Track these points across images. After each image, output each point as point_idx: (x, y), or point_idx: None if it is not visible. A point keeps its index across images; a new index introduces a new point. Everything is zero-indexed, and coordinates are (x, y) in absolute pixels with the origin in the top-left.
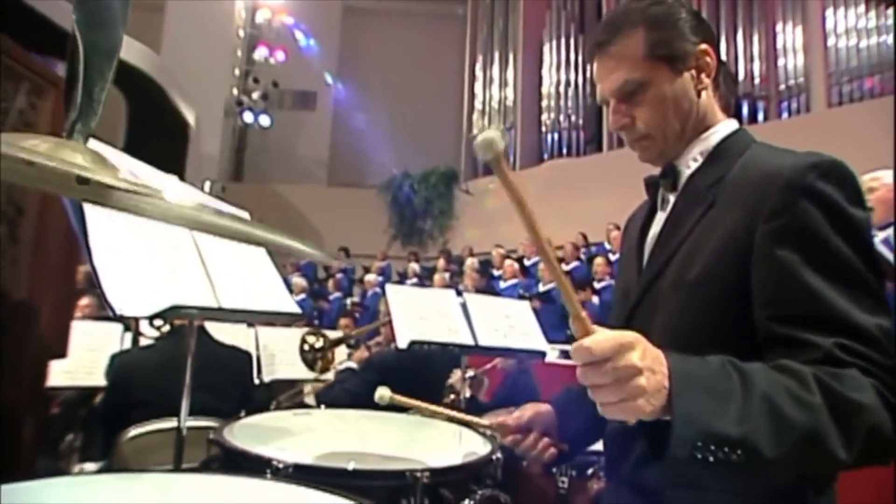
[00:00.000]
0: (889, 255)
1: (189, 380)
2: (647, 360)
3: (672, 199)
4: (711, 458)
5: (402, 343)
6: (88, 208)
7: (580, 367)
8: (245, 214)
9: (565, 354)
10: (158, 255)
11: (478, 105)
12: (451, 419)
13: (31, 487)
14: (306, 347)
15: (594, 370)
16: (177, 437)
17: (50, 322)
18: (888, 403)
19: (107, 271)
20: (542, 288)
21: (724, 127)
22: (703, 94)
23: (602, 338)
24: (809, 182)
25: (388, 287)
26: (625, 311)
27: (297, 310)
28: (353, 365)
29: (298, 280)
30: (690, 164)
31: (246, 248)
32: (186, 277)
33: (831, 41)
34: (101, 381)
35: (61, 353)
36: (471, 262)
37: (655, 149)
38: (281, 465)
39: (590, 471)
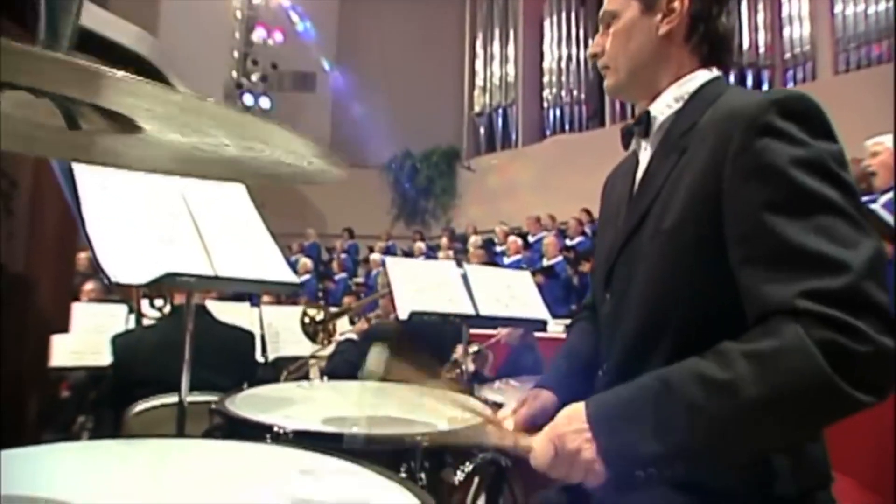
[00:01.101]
0: (890, 218)
1: (189, 355)
2: (573, 435)
3: (644, 144)
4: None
5: (402, 314)
6: (79, 178)
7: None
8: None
9: (568, 328)
10: (154, 224)
11: (479, 82)
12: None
13: (32, 453)
14: (307, 320)
15: (552, 468)
16: (178, 409)
17: (49, 296)
18: (832, 346)
19: (101, 240)
20: (545, 263)
21: (704, 75)
22: (672, 41)
23: (539, 448)
24: (769, 119)
25: (388, 259)
26: (607, 266)
27: (295, 279)
28: (353, 336)
29: (304, 261)
30: (664, 110)
31: (242, 217)
32: (182, 247)
33: (838, 8)
34: (107, 360)
35: (63, 327)
36: (474, 240)
37: (611, 79)
38: (282, 432)
39: None
